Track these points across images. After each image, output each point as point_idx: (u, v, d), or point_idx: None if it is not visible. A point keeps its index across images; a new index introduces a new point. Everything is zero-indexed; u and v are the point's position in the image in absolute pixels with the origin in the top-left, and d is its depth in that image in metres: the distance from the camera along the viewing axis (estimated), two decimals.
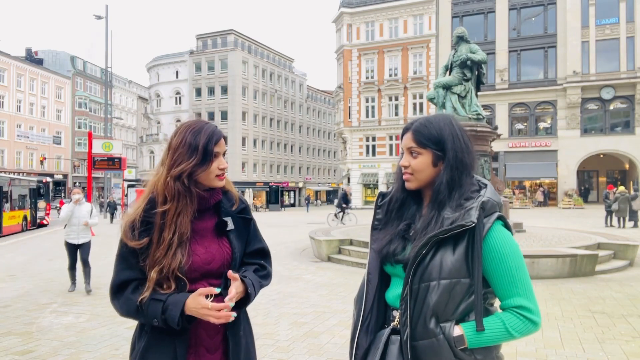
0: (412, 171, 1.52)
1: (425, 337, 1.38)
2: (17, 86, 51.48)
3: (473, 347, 1.38)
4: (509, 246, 1.41)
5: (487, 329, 1.37)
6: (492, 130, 12.06)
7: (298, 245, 13.11)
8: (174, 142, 1.61)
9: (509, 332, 1.37)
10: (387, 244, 1.53)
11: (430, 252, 1.40)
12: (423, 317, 1.38)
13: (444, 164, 1.49)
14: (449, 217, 1.42)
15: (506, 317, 1.39)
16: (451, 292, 1.38)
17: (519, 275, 1.40)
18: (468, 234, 1.39)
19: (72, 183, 58.79)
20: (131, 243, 1.55)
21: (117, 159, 19.86)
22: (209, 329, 1.60)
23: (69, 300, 6.88)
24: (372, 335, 1.51)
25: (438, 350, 1.36)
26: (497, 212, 1.45)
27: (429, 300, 1.38)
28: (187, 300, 1.51)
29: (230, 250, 1.65)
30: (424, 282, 1.39)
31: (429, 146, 1.50)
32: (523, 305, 1.38)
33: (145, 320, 1.55)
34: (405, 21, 41.57)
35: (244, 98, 53.05)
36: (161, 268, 1.53)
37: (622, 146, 34.28)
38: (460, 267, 1.38)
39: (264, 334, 5.09)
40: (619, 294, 6.93)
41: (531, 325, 1.38)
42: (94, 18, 29.72)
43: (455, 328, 1.38)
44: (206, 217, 1.66)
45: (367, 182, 42.56)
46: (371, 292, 1.54)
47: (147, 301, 1.52)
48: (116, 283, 1.59)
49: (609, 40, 34.83)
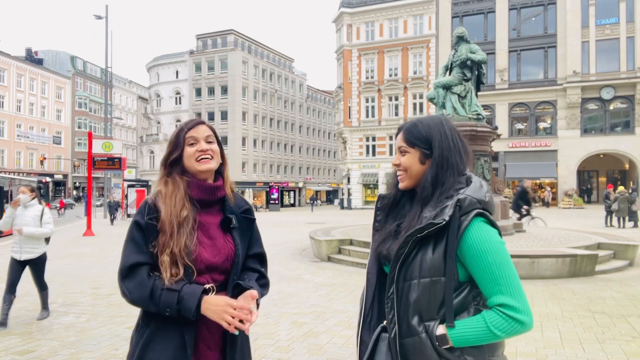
0: (403, 168, 1.57)
1: (409, 335, 1.40)
2: (17, 86, 51.49)
3: (461, 347, 1.37)
4: (487, 243, 1.38)
5: (469, 327, 1.37)
6: (492, 130, 12.06)
7: (298, 245, 13.11)
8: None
9: (491, 331, 1.34)
10: (380, 244, 1.57)
11: (413, 250, 1.43)
12: (406, 315, 1.41)
13: (430, 161, 1.53)
14: (426, 215, 1.45)
15: (488, 315, 1.36)
16: (431, 290, 1.39)
17: (500, 272, 1.36)
18: (446, 233, 1.40)
19: (72, 183, 58.84)
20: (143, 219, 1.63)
21: (117, 159, 19.81)
22: (210, 325, 1.62)
23: (69, 300, 6.88)
24: (373, 331, 1.55)
25: (421, 349, 1.38)
26: (476, 209, 1.43)
27: (410, 298, 1.41)
28: (206, 298, 1.56)
29: (234, 246, 1.71)
30: (407, 281, 1.42)
31: (416, 144, 1.55)
32: (504, 303, 1.34)
33: (157, 308, 1.55)
34: (405, 21, 41.57)
35: (244, 98, 53.05)
36: (171, 250, 1.58)
37: (622, 146, 34.28)
38: (439, 266, 1.40)
39: (264, 334, 5.09)
40: (619, 294, 6.93)
41: (516, 324, 1.33)
42: (94, 18, 29.74)
43: (439, 327, 1.39)
44: (212, 213, 1.73)
45: (367, 182, 42.56)
46: (370, 291, 1.58)
47: (159, 291, 1.55)
48: (126, 265, 1.59)
49: (609, 40, 34.82)
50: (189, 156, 1.69)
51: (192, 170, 1.70)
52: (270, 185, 51.37)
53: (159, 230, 1.62)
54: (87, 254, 12.04)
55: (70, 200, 49.34)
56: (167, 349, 1.58)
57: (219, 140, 1.79)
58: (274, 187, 50.53)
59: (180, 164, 1.72)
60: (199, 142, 1.70)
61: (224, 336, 1.67)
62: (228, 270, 1.70)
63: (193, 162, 1.69)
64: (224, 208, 1.76)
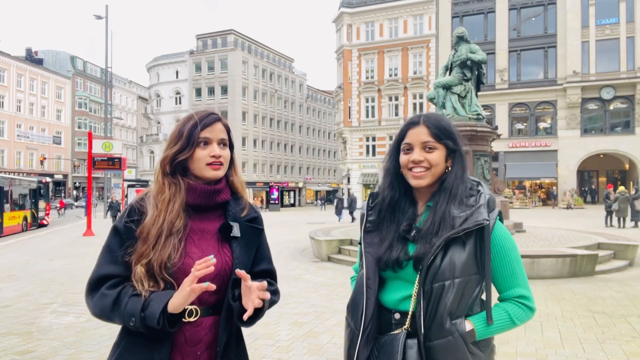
0: (429, 165, 1.47)
1: (441, 337, 1.37)
2: (17, 86, 51.49)
3: (480, 339, 1.42)
4: (509, 240, 1.47)
5: (495, 320, 1.43)
6: (492, 130, 12.06)
7: (298, 245, 13.11)
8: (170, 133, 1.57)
9: (512, 321, 1.44)
10: (387, 250, 1.48)
11: (441, 251, 1.40)
12: (440, 317, 1.37)
13: (455, 159, 1.51)
14: (458, 215, 1.42)
15: (510, 307, 1.44)
16: (464, 289, 1.40)
17: (519, 267, 1.47)
18: (476, 231, 1.42)
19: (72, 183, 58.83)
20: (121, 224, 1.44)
21: (117, 159, 19.80)
22: (186, 354, 1.41)
23: (69, 300, 6.88)
24: (371, 344, 1.44)
25: (455, 348, 1.37)
26: (496, 207, 1.50)
27: (445, 300, 1.37)
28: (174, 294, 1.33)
29: (231, 259, 1.46)
30: (437, 282, 1.38)
31: (444, 140, 1.49)
32: (523, 295, 1.45)
33: (121, 319, 1.35)
34: (405, 21, 41.57)
35: (244, 98, 53.05)
36: (149, 261, 1.37)
37: (622, 146, 34.28)
38: (471, 264, 1.41)
39: (264, 334, 5.08)
40: (619, 294, 6.93)
41: (530, 312, 1.45)
42: (94, 18, 29.75)
43: (466, 323, 1.40)
44: (209, 218, 1.51)
45: (367, 182, 42.53)
46: (372, 298, 1.47)
47: (127, 298, 1.34)
48: (95, 277, 1.40)
49: (609, 40, 34.82)
50: (199, 159, 1.47)
51: (198, 173, 1.49)
52: (270, 185, 51.35)
53: (137, 236, 1.41)
54: (87, 254, 12.03)
55: (71, 200, 49.42)
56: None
57: (231, 141, 1.56)
58: (274, 187, 50.52)
59: (184, 164, 1.50)
60: (212, 145, 1.48)
61: (211, 348, 1.44)
62: (221, 290, 1.42)
63: (202, 166, 1.47)
64: (225, 214, 1.52)
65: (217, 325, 1.43)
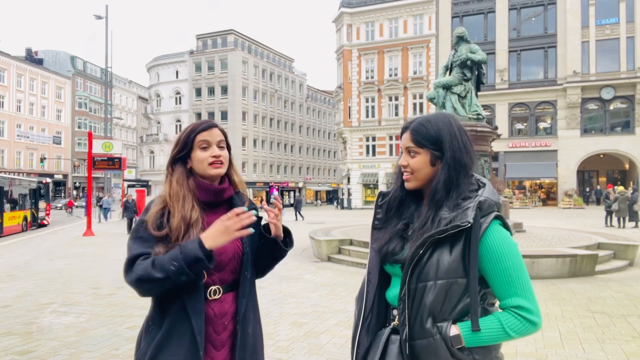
0: (411, 170, 1.52)
1: (422, 337, 1.38)
2: (17, 86, 51.51)
3: (471, 347, 1.38)
4: (506, 246, 1.40)
5: (484, 328, 1.37)
6: (492, 130, 12.06)
7: (298, 245, 13.10)
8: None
9: (506, 332, 1.37)
10: (386, 243, 1.53)
11: (428, 252, 1.40)
12: (420, 317, 1.38)
13: (442, 163, 1.49)
14: (445, 217, 1.42)
15: (504, 317, 1.38)
16: (447, 292, 1.38)
17: (517, 275, 1.39)
18: (465, 234, 1.39)
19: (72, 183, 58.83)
20: (154, 232, 1.60)
21: (117, 159, 19.80)
22: (216, 325, 1.63)
23: (69, 300, 6.88)
24: (372, 334, 1.52)
25: (435, 350, 1.37)
26: (494, 211, 1.44)
27: (425, 300, 1.38)
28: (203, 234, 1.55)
29: (241, 244, 1.71)
30: (421, 282, 1.39)
31: (426, 146, 1.50)
32: (521, 305, 1.37)
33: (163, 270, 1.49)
34: (405, 21, 41.57)
35: (244, 98, 53.05)
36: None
37: (622, 146, 34.29)
38: (457, 267, 1.38)
39: (264, 333, 5.07)
40: (619, 294, 6.93)
41: (530, 325, 1.37)
42: (94, 18, 29.75)
43: (452, 327, 1.38)
44: (219, 212, 1.70)
45: (367, 182, 42.55)
46: (371, 292, 1.54)
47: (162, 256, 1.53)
48: (130, 258, 1.57)
49: (609, 40, 34.83)
50: (201, 160, 1.68)
51: (202, 173, 1.70)
52: (270, 185, 51.36)
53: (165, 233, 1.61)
54: (87, 254, 12.04)
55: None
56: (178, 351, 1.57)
57: (228, 144, 1.78)
58: (274, 187, 50.53)
59: (185, 164, 1.71)
60: (212, 147, 1.70)
61: (232, 335, 1.66)
62: (237, 270, 1.69)
63: (205, 166, 1.68)
64: (231, 207, 1.74)
65: (237, 298, 1.69)
